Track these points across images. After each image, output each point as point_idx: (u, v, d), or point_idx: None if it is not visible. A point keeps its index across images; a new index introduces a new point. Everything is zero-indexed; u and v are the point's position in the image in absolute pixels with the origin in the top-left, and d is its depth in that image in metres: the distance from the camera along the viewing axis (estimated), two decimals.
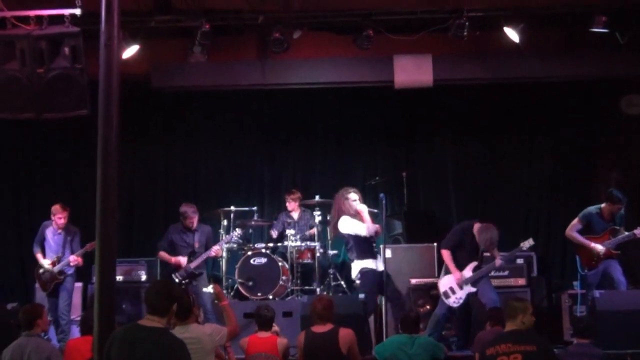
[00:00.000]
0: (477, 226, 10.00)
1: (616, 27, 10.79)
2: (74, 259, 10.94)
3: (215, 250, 11.14)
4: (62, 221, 11.10)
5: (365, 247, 10.49)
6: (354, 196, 10.50)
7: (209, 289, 10.67)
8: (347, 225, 10.38)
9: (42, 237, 11.19)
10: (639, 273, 10.92)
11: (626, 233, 10.11)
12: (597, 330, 8.38)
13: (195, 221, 11.23)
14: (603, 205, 10.25)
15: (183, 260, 11.06)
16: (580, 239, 10.26)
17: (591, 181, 13.07)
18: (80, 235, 11.13)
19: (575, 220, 10.37)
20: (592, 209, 10.34)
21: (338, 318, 7.84)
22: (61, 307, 11.00)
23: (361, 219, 10.39)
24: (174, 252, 11.21)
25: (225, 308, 7.15)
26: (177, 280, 10.99)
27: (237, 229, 11.52)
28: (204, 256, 11.10)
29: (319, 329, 7.51)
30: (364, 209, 10.42)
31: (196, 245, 11.18)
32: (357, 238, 10.45)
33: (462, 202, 13.40)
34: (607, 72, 11.88)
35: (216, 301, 7.52)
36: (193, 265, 11.02)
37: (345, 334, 7.48)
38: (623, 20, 10.80)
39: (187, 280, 10.97)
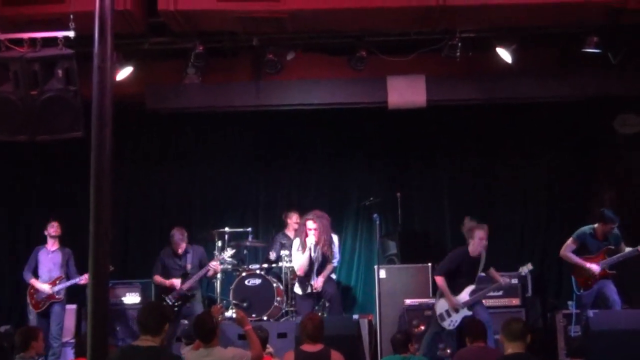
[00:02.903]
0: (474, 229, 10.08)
1: (608, 47, 10.83)
2: (85, 279, 11.02)
3: (213, 266, 11.13)
4: (54, 229, 11.22)
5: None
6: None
7: (231, 313, 10.66)
8: None
9: (34, 263, 11.29)
10: (633, 293, 10.90)
11: (628, 250, 10.13)
12: (591, 350, 8.38)
13: (181, 247, 11.24)
14: (596, 225, 10.27)
15: (177, 282, 11.05)
16: (575, 259, 10.27)
17: (587, 200, 13.08)
18: (74, 256, 11.23)
19: (570, 241, 10.39)
20: (585, 229, 10.37)
21: (332, 338, 7.82)
22: (53, 330, 11.05)
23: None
24: (167, 275, 11.23)
25: (248, 333, 7.10)
26: (169, 302, 10.98)
27: (228, 249, 11.51)
28: (196, 277, 11.10)
29: (309, 348, 7.42)
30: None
31: (188, 267, 11.20)
32: None
33: (456, 223, 13.34)
34: (600, 92, 11.90)
35: (239, 326, 7.49)
36: (185, 286, 11.01)
37: (337, 357, 7.44)
38: (615, 41, 10.83)
39: (179, 302, 10.96)
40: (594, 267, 10.10)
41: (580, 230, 10.42)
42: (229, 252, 11.42)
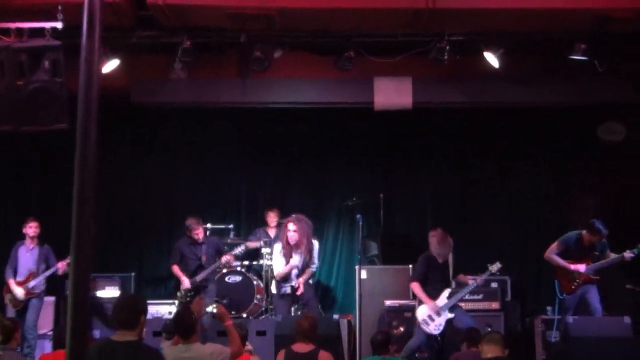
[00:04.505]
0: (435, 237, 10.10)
1: (595, 55, 10.88)
2: (62, 265, 10.98)
3: (226, 260, 11.20)
4: (32, 230, 11.22)
5: None
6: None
7: (212, 308, 10.68)
8: None
9: (15, 260, 11.25)
10: (611, 300, 10.93)
11: (614, 256, 10.18)
12: (570, 356, 8.43)
13: (200, 233, 11.33)
14: (584, 232, 10.31)
15: (187, 282, 11.13)
16: (560, 261, 10.31)
17: (568, 207, 13.12)
18: (54, 252, 11.21)
19: (555, 244, 10.43)
20: (572, 234, 10.41)
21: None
22: (29, 323, 11.03)
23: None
24: (184, 265, 11.36)
25: (229, 328, 7.06)
26: (182, 294, 11.08)
27: (242, 245, 11.53)
28: (209, 270, 11.17)
29: (300, 348, 7.46)
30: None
31: (204, 258, 11.26)
32: None
33: (438, 225, 13.36)
34: (586, 99, 11.97)
35: (220, 321, 7.47)
36: (199, 277, 11.11)
37: (326, 357, 7.47)
38: (602, 49, 10.88)
39: (191, 293, 11.01)
40: (580, 268, 10.14)
41: (567, 235, 10.46)
42: (241, 248, 11.43)
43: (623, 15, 9.74)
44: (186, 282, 11.16)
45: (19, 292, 11.05)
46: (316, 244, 11.39)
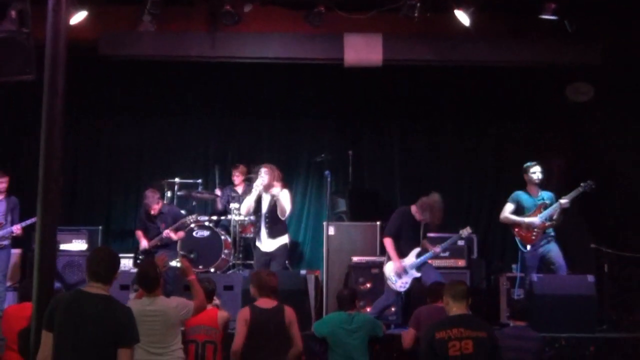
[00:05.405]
0: (418, 203, 10.13)
1: (565, 15, 10.90)
2: (17, 228, 10.91)
3: (165, 233, 11.15)
4: (3, 185, 11.11)
5: None
6: None
7: (176, 262, 10.67)
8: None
9: None
10: (575, 259, 11.05)
11: (553, 205, 10.30)
12: (533, 313, 8.53)
13: (154, 209, 11.25)
14: (526, 182, 10.47)
15: (145, 244, 11.27)
16: (515, 218, 10.38)
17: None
18: (20, 205, 11.12)
19: (506, 204, 10.53)
20: (519, 191, 10.53)
21: (279, 293, 7.87)
22: None
23: None
24: (146, 230, 11.43)
25: (192, 282, 7.05)
26: (138, 257, 11.31)
27: (192, 216, 11.49)
28: (157, 239, 11.20)
29: (265, 304, 7.44)
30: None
31: (162, 227, 11.24)
32: None
33: (406, 183, 13.48)
34: (555, 60, 12.01)
35: (183, 275, 7.45)
36: (151, 244, 11.23)
37: (290, 312, 7.48)
38: (572, 9, 10.90)
39: (142, 257, 11.07)
40: (535, 220, 10.24)
41: (515, 193, 10.57)
42: (192, 218, 11.46)
43: None
44: (143, 243, 11.27)
45: None
46: (286, 192, 11.05)
